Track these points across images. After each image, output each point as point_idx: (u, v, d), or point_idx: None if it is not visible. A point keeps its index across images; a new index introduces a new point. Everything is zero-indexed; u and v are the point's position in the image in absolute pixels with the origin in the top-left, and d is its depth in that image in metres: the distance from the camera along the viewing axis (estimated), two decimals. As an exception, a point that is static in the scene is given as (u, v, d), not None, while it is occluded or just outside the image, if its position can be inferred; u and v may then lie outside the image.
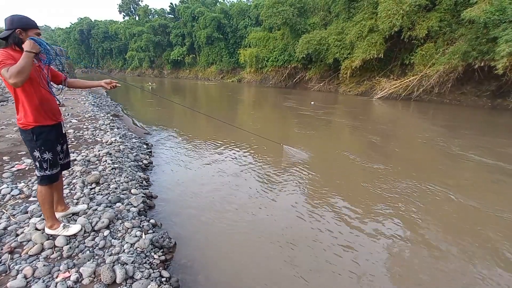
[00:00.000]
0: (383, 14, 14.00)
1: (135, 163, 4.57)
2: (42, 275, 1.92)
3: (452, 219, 3.21)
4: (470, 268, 2.45)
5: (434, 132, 7.65)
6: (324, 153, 5.80)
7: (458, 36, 12.98)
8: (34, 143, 2.07)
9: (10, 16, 1.93)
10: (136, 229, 2.59)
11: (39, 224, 2.41)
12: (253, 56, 24.02)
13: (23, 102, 2.00)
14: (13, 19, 1.91)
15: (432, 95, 14.24)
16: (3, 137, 4.93)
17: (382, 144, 6.35)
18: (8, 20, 1.92)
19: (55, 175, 2.22)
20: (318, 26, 20.60)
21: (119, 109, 10.52)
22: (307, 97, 16.39)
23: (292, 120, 9.49)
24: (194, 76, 39.93)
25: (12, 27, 1.91)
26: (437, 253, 2.62)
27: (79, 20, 54.07)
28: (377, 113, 11.55)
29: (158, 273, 2.15)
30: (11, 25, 1.91)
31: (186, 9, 37.21)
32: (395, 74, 16.44)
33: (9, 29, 1.92)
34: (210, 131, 7.67)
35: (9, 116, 6.57)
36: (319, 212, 3.35)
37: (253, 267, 2.45)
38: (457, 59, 12.17)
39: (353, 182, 4.28)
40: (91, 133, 5.65)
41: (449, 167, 4.89)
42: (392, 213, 3.32)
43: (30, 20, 1.96)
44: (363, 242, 2.78)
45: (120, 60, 52.33)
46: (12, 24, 1.91)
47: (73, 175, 3.58)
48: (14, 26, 1.91)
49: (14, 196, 2.99)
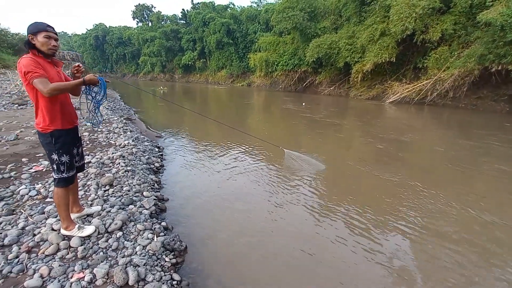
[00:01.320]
0: (395, 18, 13.81)
1: (147, 166, 4.64)
2: (58, 275, 1.96)
3: (481, 241, 2.96)
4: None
5: (450, 138, 7.44)
6: (336, 159, 5.73)
7: (474, 39, 12.63)
8: (52, 146, 2.14)
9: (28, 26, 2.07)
10: (148, 232, 2.62)
11: (55, 225, 2.47)
12: (263, 61, 24.11)
13: (44, 107, 2.07)
14: (27, 28, 2.05)
15: (446, 99, 13.87)
16: (22, 139, 5.12)
17: (395, 151, 6.21)
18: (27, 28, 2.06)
19: (71, 178, 2.28)
20: (329, 30, 20.53)
21: (132, 113, 10.74)
22: (317, 101, 16.30)
23: (300, 124, 9.44)
24: (205, 80, 40.43)
25: (28, 34, 2.04)
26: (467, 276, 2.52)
27: (94, 26, 55.88)
28: (389, 118, 11.35)
29: (169, 276, 2.16)
30: (27, 33, 2.05)
31: (198, 14, 37.89)
32: (407, 78, 16.13)
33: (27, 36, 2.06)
34: (220, 135, 7.72)
35: (28, 120, 6.81)
36: (333, 218, 3.30)
37: (264, 274, 2.42)
38: (473, 62, 11.84)
39: (367, 192, 4.17)
40: (105, 136, 5.79)
41: (470, 178, 4.67)
42: (410, 231, 3.15)
43: (39, 25, 2.05)
44: (382, 260, 2.71)
45: (133, 65, 53.67)
46: (27, 32, 2.05)
47: (87, 177, 3.67)
48: (28, 33, 2.04)
49: (32, 196, 3.09)
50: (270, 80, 27.23)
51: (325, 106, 14.44)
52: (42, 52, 2.04)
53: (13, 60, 17.59)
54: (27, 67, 1.91)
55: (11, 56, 18.48)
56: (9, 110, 7.81)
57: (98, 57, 57.84)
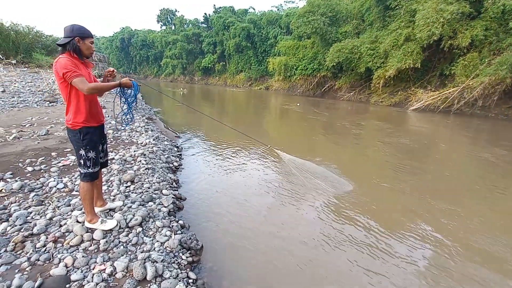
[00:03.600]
0: (421, 22, 13.35)
1: (166, 164, 4.75)
2: (81, 265, 2.04)
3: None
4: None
5: (482, 149, 7.06)
6: (362, 174, 5.59)
7: (506, 46, 11.96)
8: (80, 142, 2.24)
9: (70, 25, 2.12)
10: (166, 229, 2.67)
11: (80, 217, 2.58)
12: (281, 65, 24.10)
13: (74, 105, 2.18)
14: (73, 28, 2.11)
15: (475, 108, 13.18)
16: (52, 134, 5.41)
17: (424, 166, 5.97)
18: (67, 29, 2.12)
19: (96, 173, 2.38)
20: (350, 35, 20.19)
21: (152, 113, 11.08)
22: (336, 107, 16.04)
23: (317, 130, 9.31)
24: (223, 83, 41.03)
25: (72, 35, 2.10)
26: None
27: (121, 29, 58.55)
28: (415, 126, 10.94)
29: (186, 274, 2.18)
30: (71, 33, 2.10)
31: (219, 18, 38.67)
32: (432, 85, 15.49)
33: (68, 36, 2.10)
34: (236, 136, 7.76)
35: (58, 116, 7.19)
36: (350, 222, 3.21)
37: (279, 278, 2.39)
38: (505, 70, 11.18)
39: (390, 205, 4.06)
40: (127, 134, 6.00)
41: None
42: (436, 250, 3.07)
43: (87, 30, 2.18)
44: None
45: (155, 67, 55.58)
46: (72, 32, 2.10)
47: (111, 173, 3.81)
48: (74, 35, 2.10)
49: (59, 189, 3.24)
50: (288, 84, 27.15)
51: (345, 112, 14.17)
52: (80, 54, 2.16)
53: (46, 60, 18.67)
54: (66, 67, 2.01)
55: (45, 56, 19.64)
56: (41, 107, 8.29)
57: (123, 58, 60.39)
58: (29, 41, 18.35)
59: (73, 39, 2.10)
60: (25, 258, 2.08)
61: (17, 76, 13.71)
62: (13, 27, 17.74)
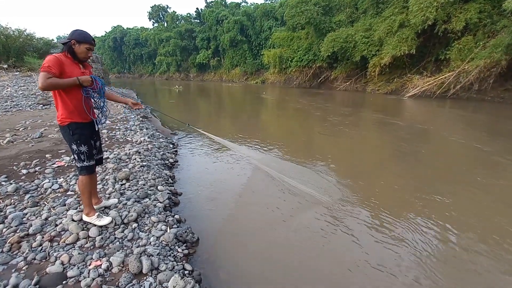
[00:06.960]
0: (415, 8, 13.26)
1: (161, 161, 4.76)
2: (77, 262, 2.06)
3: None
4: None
5: (479, 134, 7.07)
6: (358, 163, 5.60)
7: (500, 28, 11.88)
8: (71, 137, 2.29)
9: (74, 30, 2.24)
10: (162, 224, 2.69)
11: (75, 216, 2.59)
12: (276, 57, 23.90)
13: (61, 101, 2.23)
14: (74, 32, 2.21)
15: (471, 92, 13.18)
16: (46, 136, 5.39)
17: (423, 155, 5.99)
18: (71, 32, 2.23)
19: (92, 166, 2.43)
20: (344, 24, 20.02)
21: (148, 111, 11.03)
22: (332, 97, 16.00)
23: (312, 121, 9.31)
24: (219, 79, 40.77)
25: (71, 38, 2.20)
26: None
27: (112, 28, 57.79)
28: (411, 113, 10.94)
29: (182, 266, 2.20)
30: (71, 36, 2.21)
31: (211, 13, 38.19)
32: (428, 71, 15.44)
33: (69, 38, 2.21)
34: (232, 131, 7.76)
35: (51, 118, 7.16)
36: (352, 214, 3.23)
37: (275, 268, 2.42)
38: (500, 52, 11.15)
39: (391, 194, 4.08)
40: (122, 133, 5.98)
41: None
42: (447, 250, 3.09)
43: (87, 36, 2.24)
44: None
45: (149, 65, 55.02)
46: (72, 36, 2.20)
47: (106, 172, 3.81)
48: (72, 38, 2.19)
49: (54, 190, 3.25)
50: (284, 77, 27.04)
51: (341, 101, 14.14)
52: (74, 55, 2.23)
53: (38, 63, 18.45)
54: (46, 62, 2.06)
55: (37, 59, 19.40)
56: (34, 110, 8.25)
57: (116, 58, 59.80)
58: (20, 44, 18.07)
59: (70, 41, 2.19)
60: (22, 258, 2.10)
61: (9, 80, 13.59)
62: (2, 31, 17.45)
